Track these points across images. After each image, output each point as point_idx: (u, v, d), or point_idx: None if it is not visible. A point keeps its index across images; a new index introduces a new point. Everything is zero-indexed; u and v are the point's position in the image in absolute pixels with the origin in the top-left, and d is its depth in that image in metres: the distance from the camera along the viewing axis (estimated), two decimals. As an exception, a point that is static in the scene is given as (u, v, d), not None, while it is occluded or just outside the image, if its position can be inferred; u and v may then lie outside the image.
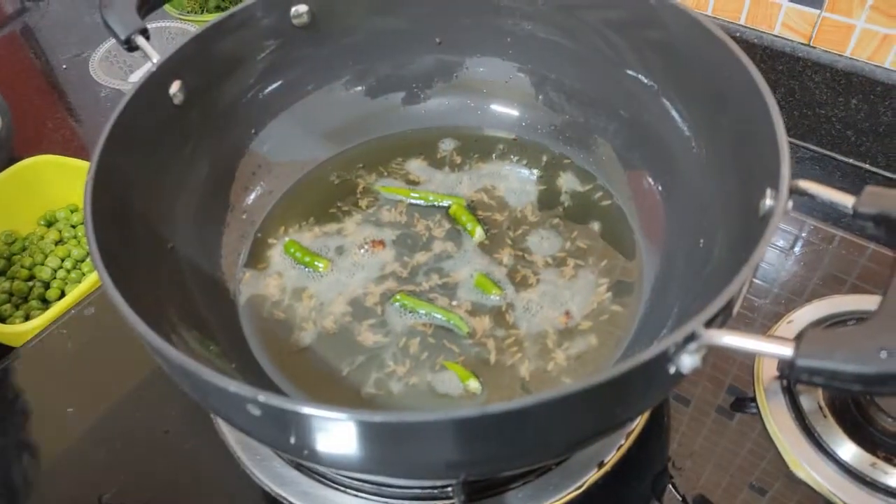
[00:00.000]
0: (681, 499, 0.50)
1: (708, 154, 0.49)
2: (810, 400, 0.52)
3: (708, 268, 0.45)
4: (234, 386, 0.33)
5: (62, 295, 0.72)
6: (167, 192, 0.51)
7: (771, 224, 0.37)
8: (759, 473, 0.51)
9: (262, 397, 0.32)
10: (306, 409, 0.32)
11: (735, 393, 0.55)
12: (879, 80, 0.71)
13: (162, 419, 0.55)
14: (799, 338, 0.31)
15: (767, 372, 0.54)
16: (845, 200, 0.38)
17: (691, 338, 0.33)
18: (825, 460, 0.50)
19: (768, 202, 0.40)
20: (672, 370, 0.34)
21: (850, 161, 0.77)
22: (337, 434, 0.34)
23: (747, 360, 0.56)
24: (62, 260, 0.74)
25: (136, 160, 0.48)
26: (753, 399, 0.54)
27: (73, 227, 0.78)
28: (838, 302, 0.58)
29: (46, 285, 0.73)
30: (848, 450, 0.50)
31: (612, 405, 0.35)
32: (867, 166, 0.76)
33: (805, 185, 0.39)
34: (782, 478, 0.50)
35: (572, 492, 0.49)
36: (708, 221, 0.47)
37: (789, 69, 0.75)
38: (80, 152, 0.78)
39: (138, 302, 0.37)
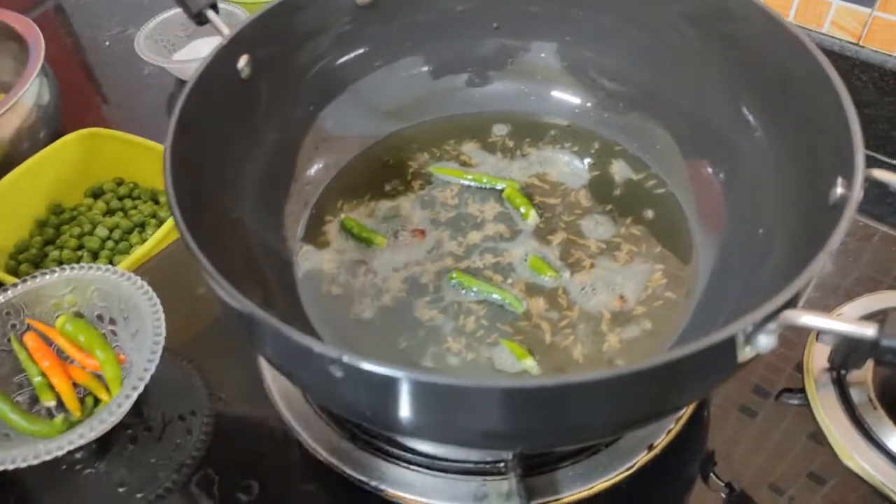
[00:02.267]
0: (724, 485, 0.51)
1: (772, 143, 0.49)
2: (860, 392, 0.53)
3: (768, 259, 0.46)
4: (320, 347, 0.34)
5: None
6: (235, 160, 0.52)
7: (846, 212, 0.37)
8: (809, 464, 0.51)
9: (347, 358, 0.33)
10: (396, 372, 0.33)
11: (771, 385, 0.55)
12: (930, 83, 0.71)
13: (217, 386, 0.56)
14: (882, 318, 0.32)
15: (817, 364, 0.55)
16: (919, 191, 0.38)
17: (771, 317, 0.33)
18: (875, 451, 0.50)
19: (839, 191, 0.41)
20: (748, 350, 0.35)
21: (895, 162, 0.77)
22: (415, 397, 0.35)
23: (795, 354, 0.56)
24: (111, 231, 0.75)
25: (207, 130, 0.49)
26: (802, 389, 0.55)
27: (120, 199, 0.79)
28: (885, 297, 0.58)
29: (95, 255, 0.74)
30: (897, 441, 0.50)
31: (678, 386, 0.36)
32: (913, 167, 0.76)
33: (879, 174, 0.40)
34: (832, 468, 0.51)
35: (622, 472, 0.49)
36: (769, 211, 0.48)
37: (837, 68, 0.75)
38: (125, 126, 0.79)
39: (211, 260, 0.38)
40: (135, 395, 0.50)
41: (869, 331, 0.32)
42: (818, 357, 0.55)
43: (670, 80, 0.57)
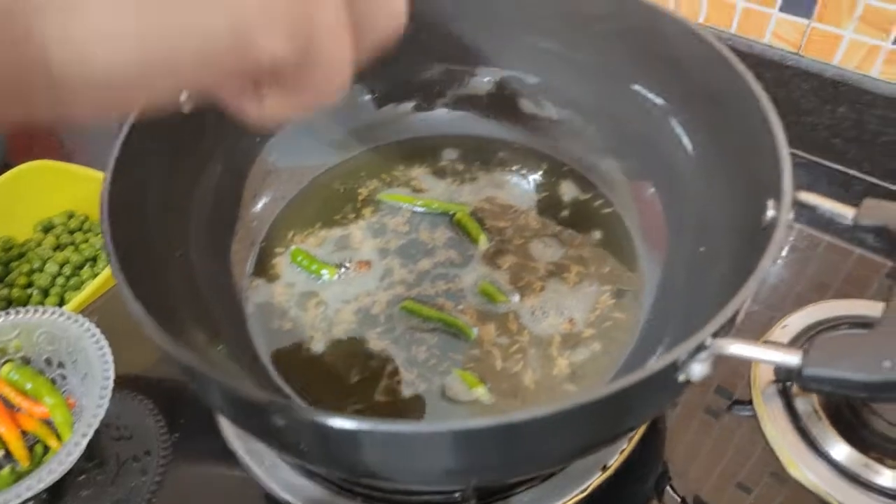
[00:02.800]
0: (680, 500, 0.52)
1: (709, 165, 0.50)
2: (805, 403, 0.54)
3: (710, 277, 0.47)
4: (261, 396, 0.33)
5: (62, 302, 0.72)
6: (179, 197, 0.52)
7: (775, 236, 0.38)
8: (756, 474, 0.52)
9: (293, 409, 0.33)
10: (339, 423, 0.32)
11: (729, 396, 0.56)
12: (866, 90, 0.73)
13: (173, 424, 0.56)
14: (806, 346, 0.33)
15: (764, 376, 0.56)
16: (845, 212, 0.39)
17: (700, 347, 0.34)
18: (820, 461, 0.51)
19: (770, 213, 0.42)
20: (681, 378, 0.35)
21: (838, 167, 0.79)
22: (357, 443, 0.35)
23: (742, 366, 0.57)
24: (61, 266, 0.74)
25: (149, 170, 0.49)
26: (750, 402, 0.56)
27: (71, 232, 0.78)
28: (830, 307, 0.60)
29: (45, 292, 0.73)
30: (842, 451, 0.52)
31: (621, 414, 0.37)
32: (854, 172, 0.78)
33: (806, 197, 0.41)
34: (778, 478, 0.52)
35: (577, 495, 0.50)
36: (710, 231, 0.49)
37: (778, 77, 0.77)
38: (73, 157, 0.78)
39: (152, 306, 0.38)
40: (84, 443, 0.50)
41: (794, 359, 0.33)
42: (765, 369, 0.56)
43: (609, 102, 0.58)
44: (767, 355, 0.33)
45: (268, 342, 0.53)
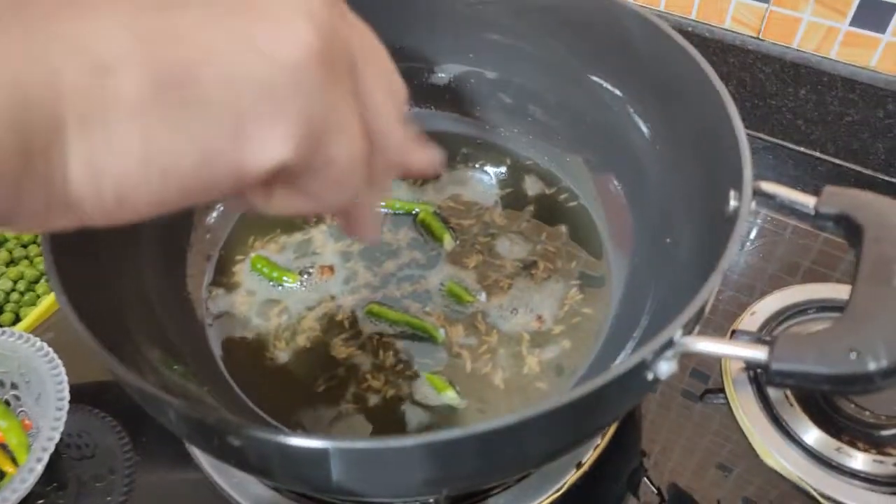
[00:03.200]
0: (656, 491, 0.51)
1: (670, 156, 0.50)
2: (777, 390, 0.54)
3: (677, 268, 0.46)
4: (212, 416, 0.32)
5: (17, 319, 0.70)
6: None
7: (736, 227, 0.38)
8: (730, 462, 0.52)
9: (246, 430, 0.32)
10: (291, 441, 0.31)
11: (705, 379, 0.56)
12: (826, 71, 0.74)
13: (137, 440, 0.54)
14: (771, 340, 0.32)
15: (735, 364, 0.56)
16: (807, 201, 0.39)
17: (667, 346, 0.34)
18: (792, 447, 0.51)
19: (732, 203, 0.41)
20: (650, 377, 0.35)
21: (801, 150, 0.79)
22: (321, 462, 0.33)
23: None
24: (14, 282, 0.71)
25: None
26: (722, 390, 0.56)
27: (24, 246, 0.75)
28: (798, 291, 0.60)
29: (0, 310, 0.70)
30: (813, 436, 0.52)
31: (590, 416, 0.36)
32: (817, 154, 0.79)
33: (767, 186, 0.41)
34: (751, 465, 0.52)
35: (552, 494, 0.49)
36: (674, 222, 0.48)
37: (740, 62, 0.77)
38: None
39: (101, 326, 0.36)
40: (39, 467, 0.48)
41: (760, 355, 0.32)
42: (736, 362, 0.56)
43: (568, 94, 0.57)
44: (734, 352, 0.33)
45: (229, 354, 0.51)
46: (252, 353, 0.52)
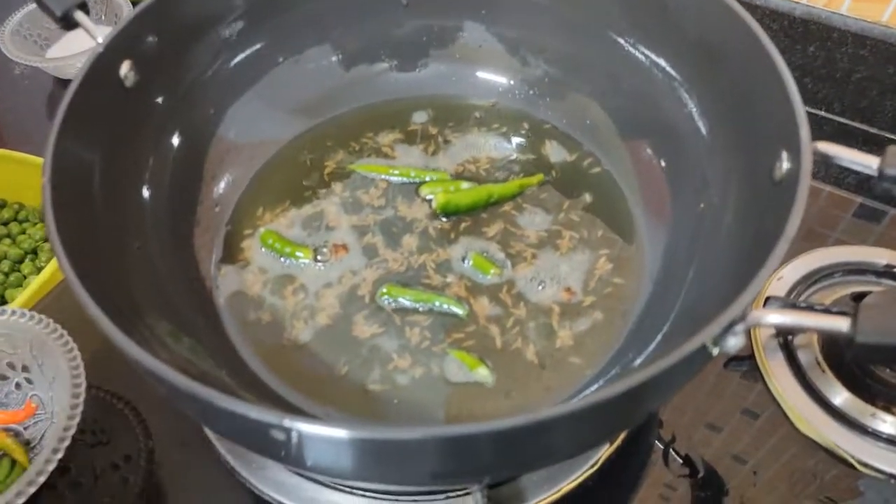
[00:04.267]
0: (682, 460, 0.50)
1: (711, 118, 0.47)
2: (808, 354, 0.53)
3: (720, 236, 0.44)
4: (255, 412, 0.29)
5: (2, 301, 0.66)
6: (131, 185, 0.46)
7: (799, 191, 0.35)
8: (763, 430, 0.51)
9: (288, 422, 0.29)
10: (340, 433, 0.29)
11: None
12: (835, 27, 0.72)
13: (155, 426, 0.51)
14: (854, 313, 0.30)
15: (765, 330, 0.54)
16: (870, 162, 0.37)
17: (737, 320, 0.32)
18: (826, 413, 0.50)
19: (785, 165, 0.39)
20: (715, 352, 0.33)
21: (808, 109, 0.77)
22: (363, 452, 0.31)
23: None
24: (-2, 262, 0.67)
25: (93, 154, 0.43)
26: (749, 357, 0.54)
27: (5, 224, 0.71)
28: (823, 255, 0.59)
29: (-17, 293, 0.66)
30: (847, 401, 0.51)
31: (650, 397, 0.34)
32: (823, 113, 0.77)
33: (825, 147, 0.38)
34: (786, 433, 0.51)
35: (587, 470, 0.48)
36: (715, 189, 0.46)
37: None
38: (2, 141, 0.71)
39: (107, 300, 0.33)
40: (55, 459, 0.45)
41: (842, 326, 0.30)
42: (766, 329, 0.55)
43: (596, 51, 0.54)
44: (814, 323, 0.31)
45: (245, 335, 0.49)
46: (268, 334, 0.49)
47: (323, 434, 0.29)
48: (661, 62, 0.51)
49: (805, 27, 0.74)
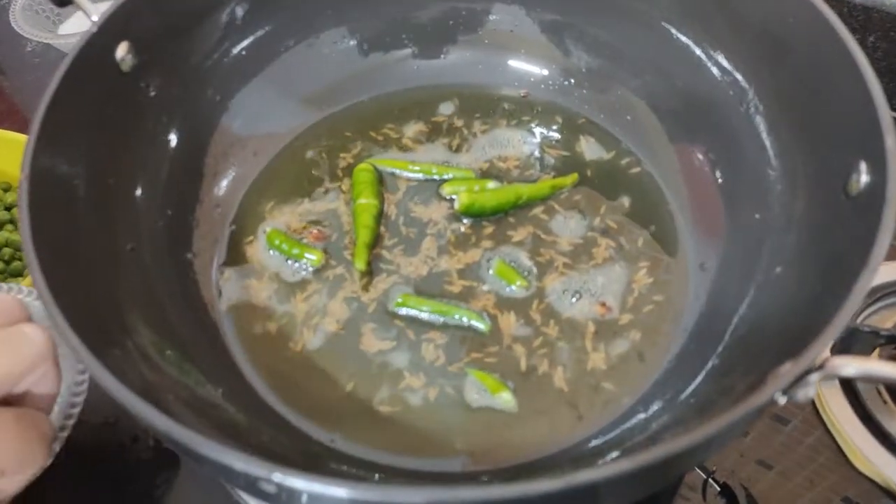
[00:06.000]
0: (720, 489, 0.45)
1: (775, 123, 0.42)
2: (868, 386, 0.47)
3: (777, 250, 0.39)
4: (241, 462, 0.25)
5: (1, 293, 0.63)
6: (122, 182, 0.42)
7: (885, 211, 0.30)
8: (814, 467, 0.46)
9: (277, 476, 0.25)
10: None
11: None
12: (900, 15, 0.66)
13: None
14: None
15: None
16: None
17: (812, 369, 0.27)
18: (890, 451, 0.45)
19: (864, 178, 0.34)
20: (782, 402, 0.28)
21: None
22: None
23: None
24: (-1, 249, 0.64)
25: (81, 145, 0.39)
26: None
27: (8, 209, 0.68)
28: (887, 270, 0.53)
29: (-18, 282, 0.63)
30: (913, 438, 0.45)
31: (702, 451, 0.29)
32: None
33: (914, 158, 0.33)
34: (843, 473, 0.45)
35: None
36: (775, 202, 0.41)
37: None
38: (9, 118, 0.67)
39: (85, 314, 0.31)
40: (62, 438, 0.42)
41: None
42: (820, 347, 0.49)
43: (646, 41, 0.49)
44: (907, 379, 0.26)
45: (245, 347, 0.44)
46: (271, 345, 0.44)
47: (317, 492, 0.25)
48: (719, 57, 0.45)
49: (867, 15, 0.68)
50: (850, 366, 0.27)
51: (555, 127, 0.54)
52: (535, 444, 0.40)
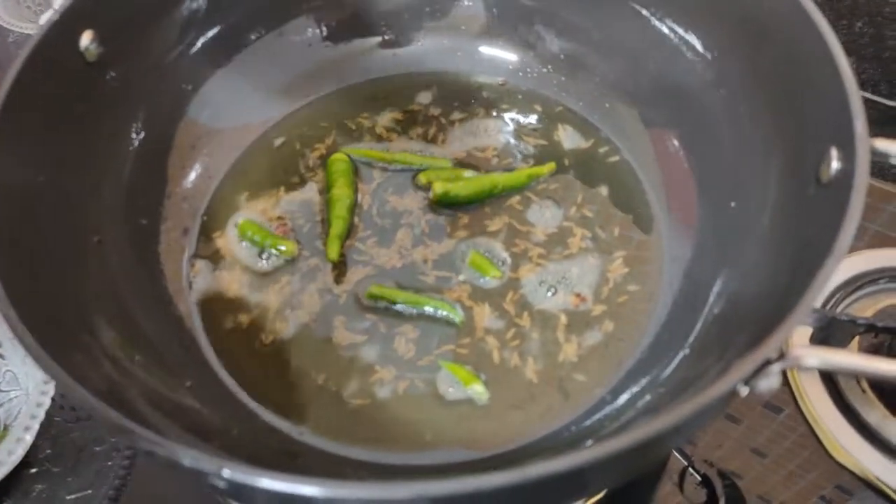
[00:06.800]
0: (700, 478, 0.45)
1: (747, 108, 0.41)
2: (848, 376, 0.47)
3: (754, 242, 0.38)
4: (190, 459, 0.25)
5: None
6: (88, 172, 0.41)
7: (853, 198, 0.30)
8: (792, 457, 0.46)
9: (227, 472, 0.24)
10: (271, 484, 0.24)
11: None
12: (888, 1, 0.65)
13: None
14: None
15: (801, 339, 0.49)
16: (941, 165, 0.31)
17: (772, 359, 0.26)
18: (868, 442, 0.45)
19: (835, 165, 0.33)
20: (743, 393, 0.27)
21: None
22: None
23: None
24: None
25: (42, 137, 0.38)
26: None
27: None
28: (866, 259, 0.52)
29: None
30: (890, 427, 0.45)
31: (666, 441, 0.29)
32: (869, 95, 0.71)
33: (884, 145, 0.32)
34: (822, 463, 0.45)
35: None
36: (749, 189, 0.40)
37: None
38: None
39: (43, 311, 0.30)
40: (29, 437, 0.42)
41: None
42: (800, 335, 0.49)
43: (618, 24, 0.48)
44: (872, 368, 0.25)
45: (216, 341, 0.44)
46: (241, 339, 0.44)
47: (265, 487, 0.24)
48: (692, 39, 0.44)
49: (853, 1, 0.67)
50: (813, 356, 0.26)
51: (533, 116, 0.53)
52: (508, 435, 0.40)
